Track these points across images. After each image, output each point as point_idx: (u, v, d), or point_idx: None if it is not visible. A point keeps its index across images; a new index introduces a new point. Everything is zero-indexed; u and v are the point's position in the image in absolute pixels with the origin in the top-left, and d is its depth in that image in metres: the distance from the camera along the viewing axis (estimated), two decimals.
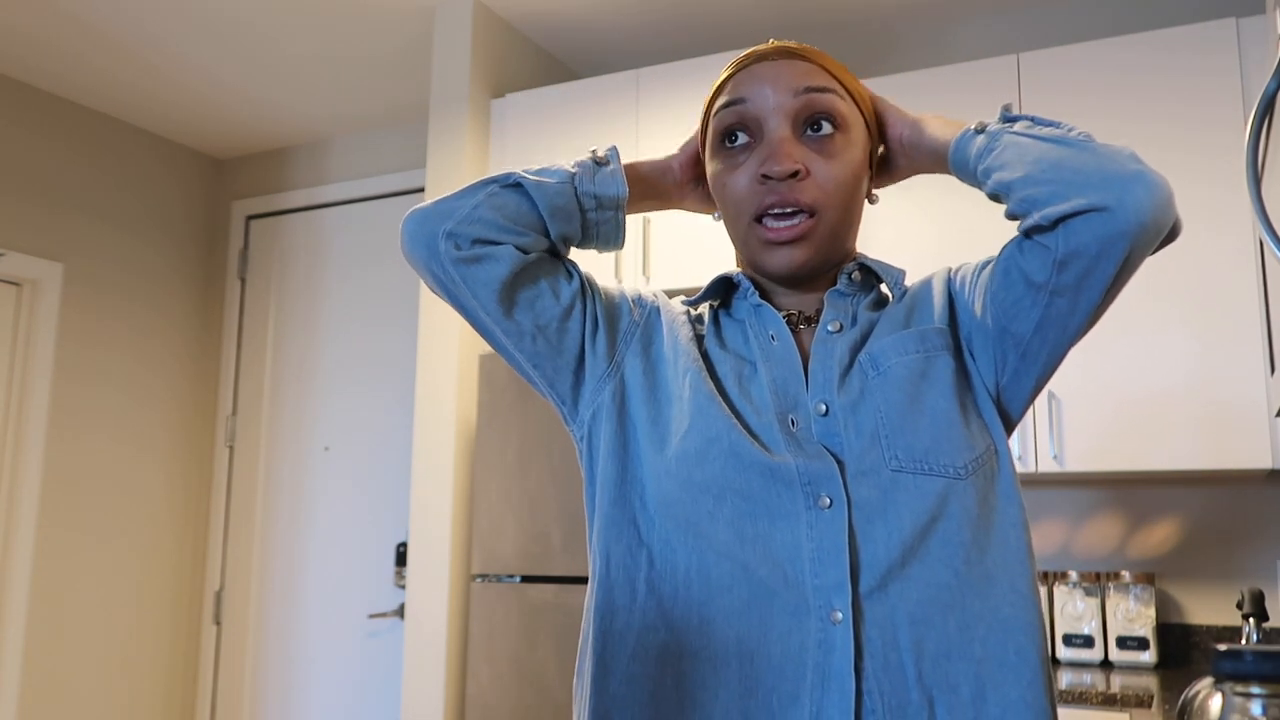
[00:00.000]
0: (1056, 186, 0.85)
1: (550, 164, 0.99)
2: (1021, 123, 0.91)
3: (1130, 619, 2.54)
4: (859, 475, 0.88)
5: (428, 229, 0.94)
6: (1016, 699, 0.84)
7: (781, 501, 0.87)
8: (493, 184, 0.96)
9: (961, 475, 0.88)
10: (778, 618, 0.85)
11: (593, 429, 0.97)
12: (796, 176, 0.92)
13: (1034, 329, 0.90)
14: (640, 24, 3.13)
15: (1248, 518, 2.62)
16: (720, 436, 0.89)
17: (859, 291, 1.00)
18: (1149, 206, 0.82)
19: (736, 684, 0.85)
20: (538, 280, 0.96)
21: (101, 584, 3.55)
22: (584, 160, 0.99)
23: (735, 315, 1.01)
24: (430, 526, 2.82)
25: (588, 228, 0.99)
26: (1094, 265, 0.85)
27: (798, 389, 0.93)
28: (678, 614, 0.88)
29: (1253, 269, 2.38)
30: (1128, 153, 0.85)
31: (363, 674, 3.53)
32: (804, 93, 0.94)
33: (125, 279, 3.73)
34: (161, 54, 3.29)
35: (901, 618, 0.85)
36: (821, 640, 0.84)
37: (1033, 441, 2.51)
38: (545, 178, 0.96)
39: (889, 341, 0.94)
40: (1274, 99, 1.20)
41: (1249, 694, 0.60)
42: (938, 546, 0.86)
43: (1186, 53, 2.50)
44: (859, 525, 0.86)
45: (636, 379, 0.97)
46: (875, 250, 2.74)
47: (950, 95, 2.72)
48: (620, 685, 0.89)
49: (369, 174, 3.84)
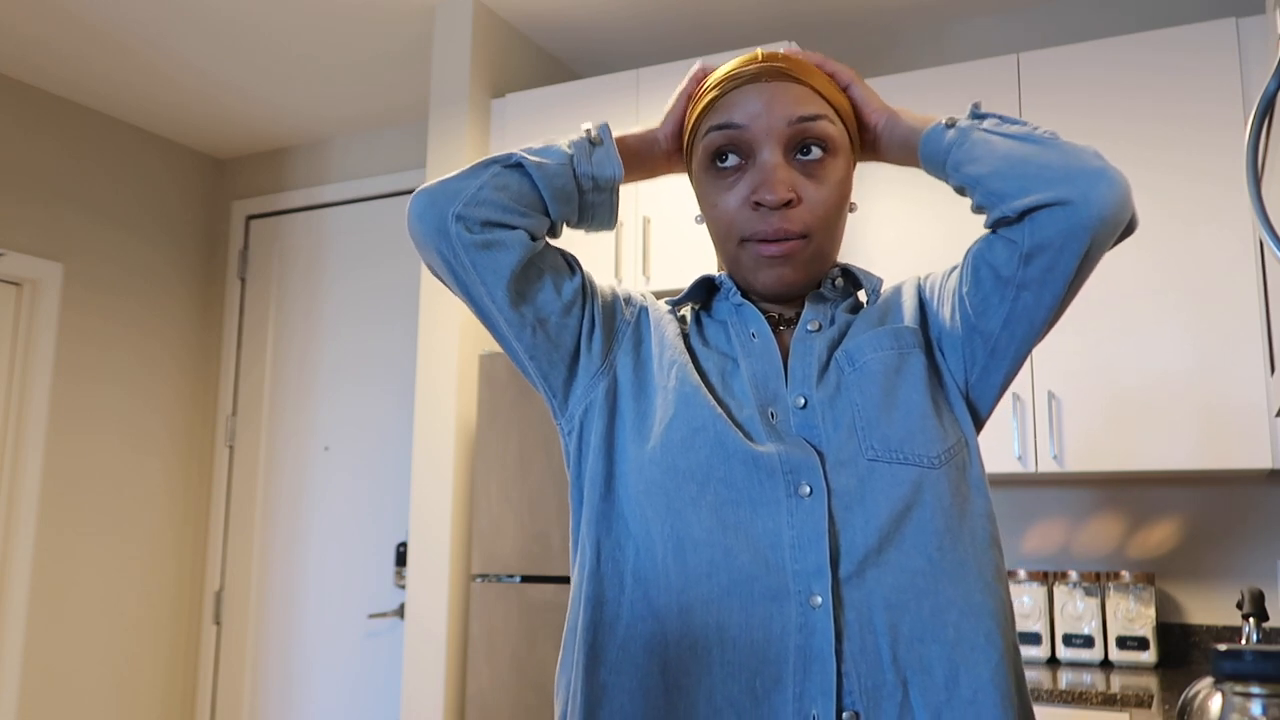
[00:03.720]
0: (1023, 181, 0.89)
1: (547, 142, 1.00)
2: (990, 120, 0.95)
3: (1130, 619, 2.54)
4: (838, 465, 0.91)
5: (437, 210, 0.95)
6: (987, 680, 0.87)
7: (764, 489, 0.90)
8: (495, 164, 0.97)
9: (935, 465, 0.92)
10: (759, 603, 0.88)
11: (584, 424, 0.99)
12: (789, 205, 0.95)
13: (1002, 324, 0.94)
14: (640, 24, 3.13)
15: (1248, 518, 2.62)
16: (706, 426, 0.92)
17: (839, 297, 1.04)
18: (1110, 201, 0.87)
19: (720, 669, 0.88)
20: (543, 274, 0.98)
21: (101, 584, 3.55)
22: (578, 139, 1.00)
23: (716, 316, 1.04)
24: (430, 526, 2.82)
25: (584, 209, 1.00)
26: (1058, 258, 0.89)
27: (777, 383, 0.96)
28: (661, 602, 0.90)
29: (1253, 269, 2.38)
30: (1091, 151, 0.90)
31: (363, 674, 3.53)
32: (797, 122, 0.96)
33: (125, 279, 3.73)
34: (161, 54, 3.29)
35: (878, 602, 0.88)
36: (802, 624, 0.87)
37: (1033, 441, 2.51)
38: (545, 158, 0.97)
39: (865, 339, 0.97)
40: (1274, 99, 1.20)
41: (1249, 694, 0.60)
42: (913, 533, 0.89)
43: (1186, 53, 2.50)
44: (838, 513, 0.90)
45: (628, 377, 0.99)
46: (876, 250, 2.74)
47: (950, 95, 2.72)
48: (609, 674, 0.91)
49: (369, 174, 3.84)
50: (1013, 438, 2.52)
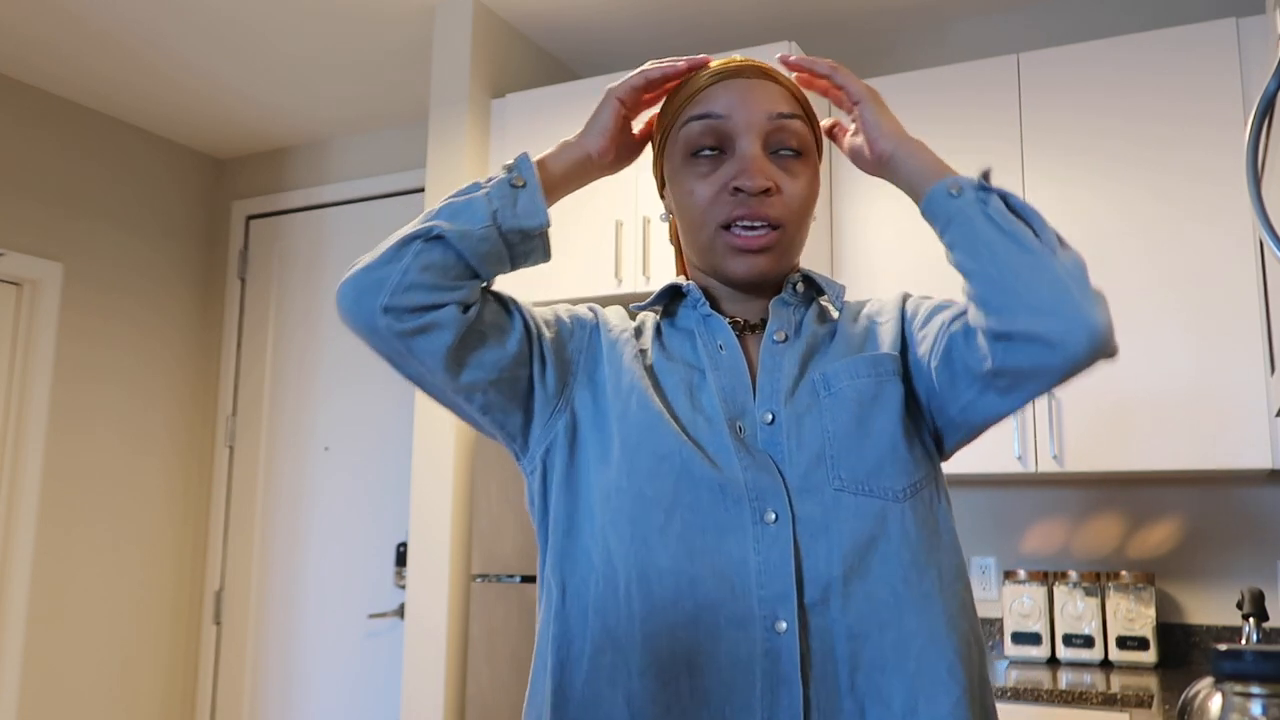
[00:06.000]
0: (1006, 298, 0.85)
1: (469, 193, 0.95)
2: (994, 203, 0.89)
3: (1130, 619, 2.54)
4: (803, 492, 0.91)
5: (364, 306, 0.91)
6: (946, 713, 0.88)
7: (730, 515, 0.90)
8: (416, 240, 0.92)
9: (900, 499, 0.92)
10: (725, 629, 0.88)
11: (546, 462, 0.98)
12: (768, 193, 0.96)
13: (961, 410, 0.94)
14: (640, 24, 3.13)
15: (1248, 518, 2.62)
16: (671, 453, 0.92)
17: (801, 303, 1.04)
18: (1087, 349, 0.83)
19: (689, 697, 0.88)
20: (483, 337, 0.95)
21: (102, 584, 3.55)
22: (499, 181, 0.96)
23: (680, 324, 1.04)
24: (430, 526, 2.82)
25: (515, 259, 0.97)
26: (1027, 382, 0.88)
27: (745, 397, 0.96)
28: (623, 633, 0.90)
29: (1253, 269, 2.38)
30: (1081, 275, 0.85)
31: (363, 674, 3.53)
32: (776, 118, 0.98)
33: (125, 279, 3.73)
34: (161, 54, 3.29)
35: (840, 630, 0.88)
36: (768, 649, 0.87)
37: (1033, 441, 2.51)
38: (468, 225, 0.92)
39: (843, 365, 0.97)
40: (1274, 99, 1.20)
41: (1249, 694, 0.60)
42: (878, 565, 0.90)
43: (1186, 53, 2.50)
44: (803, 540, 0.90)
45: (586, 408, 0.98)
46: (876, 250, 2.74)
47: (950, 95, 2.72)
48: (576, 710, 0.91)
49: (369, 174, 3.85)
50: (1013, 438, 2.52)
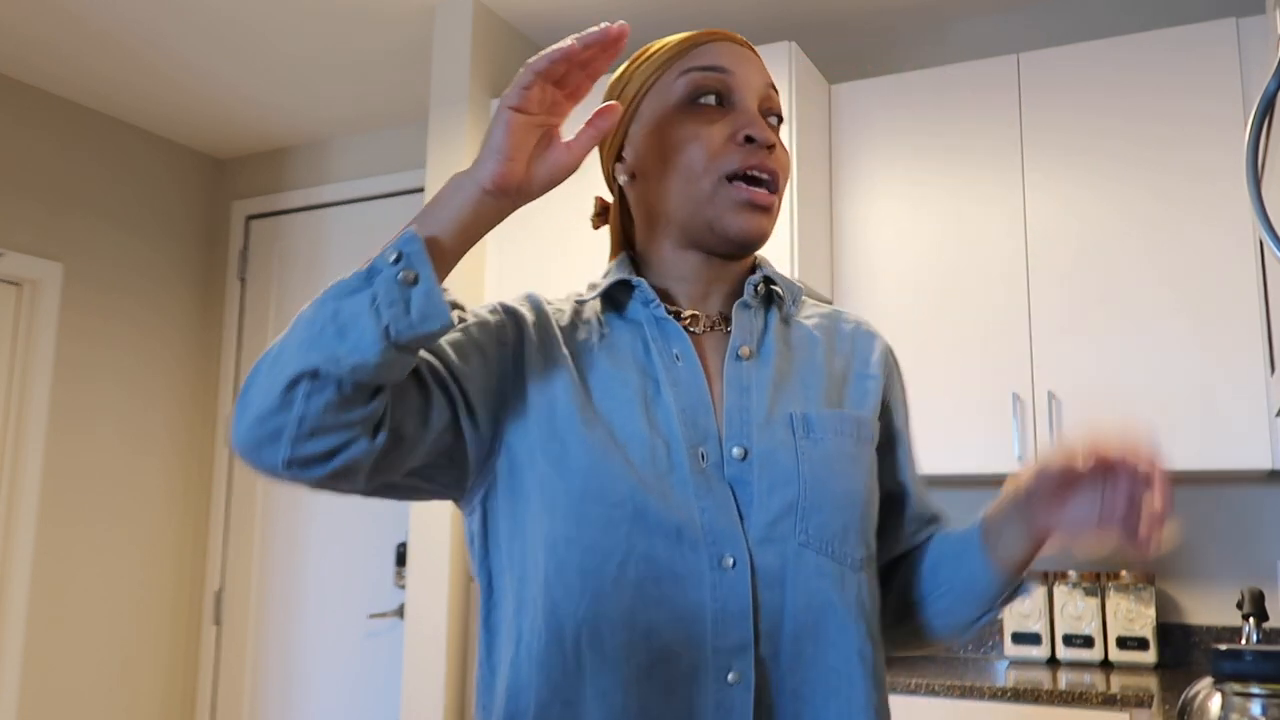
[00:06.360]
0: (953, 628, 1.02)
1: (352, 279, 0.79)
2: None
3: (1130, 619, 2.54)
4: (766, 542, 0.88)
5: (265, 461, 0.79)
6: None
7: (686, 562, 0.86)
8: (303, 380, 0.77)
9: (857, 567, 0.92)
10: (679, 683, 0.84)
11: (487, 505, 0.93)
12: (772, 150, 0.95)
13: None
14: (640, 24, 3.13)
15: (1248, 518, 2.62)
16: (624, 501, 0.86)
17: (761, 304, 1.00)
18: None
19: None
20: (400, 436, 0.83)
21: (101, 584, 3.55)
22: (385, 279, 0.78)
23: (629, 316, 0.97)
24: (430, 526, 2.82)
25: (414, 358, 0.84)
26: None
27: (707, 420, 0.91)
28: (569, 687, 0.85)
29: (1253, 269, 2.38)
30: None
31: (363, 674, 3.53)
32: (769, 88, 0.99)
33: (125, 279, 3.73)
34: (161, 54, 3.29)
35: (787, 689, 0.86)
36: (719, 701, 0.84)
37: (1033, 441, 2.51)
38: (359, 355, 0.77)
39: (829, 416, 0.94)
40: (1274, 99, 1.20)
41: (1249, 694, 0.60)
42: (835, 632, 0.88)
43: (1186, 53, 2.50)
44: (760, 590, 0.87)
45: (523, 443, 0.90)
46: (875, 250, 2.74)
47: (950, 95, 2.72)
48: None
49: (369, 174, 3.85)
50: (1013, 438, 2.52)
